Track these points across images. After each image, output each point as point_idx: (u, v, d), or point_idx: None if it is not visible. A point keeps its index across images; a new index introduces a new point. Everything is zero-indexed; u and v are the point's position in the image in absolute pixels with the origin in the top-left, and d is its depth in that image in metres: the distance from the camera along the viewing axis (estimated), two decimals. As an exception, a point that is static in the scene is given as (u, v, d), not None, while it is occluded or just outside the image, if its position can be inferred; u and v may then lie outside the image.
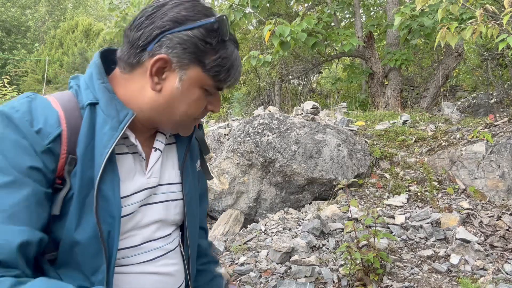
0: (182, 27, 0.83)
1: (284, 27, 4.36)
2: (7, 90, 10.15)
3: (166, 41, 0.83)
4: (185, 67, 0.85)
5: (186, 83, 0.86)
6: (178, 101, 0.88)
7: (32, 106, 0.80)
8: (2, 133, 0.75)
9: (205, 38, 0.84)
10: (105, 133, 0.82)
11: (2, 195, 0.73)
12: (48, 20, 22.88)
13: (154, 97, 0.87)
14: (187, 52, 0.84)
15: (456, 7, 2.33)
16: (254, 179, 3.00)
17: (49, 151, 0.79)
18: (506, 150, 2.76)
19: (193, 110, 0.90)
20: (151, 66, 0.84)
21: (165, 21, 0.84)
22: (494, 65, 6.81)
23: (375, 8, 10.31)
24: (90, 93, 0.84)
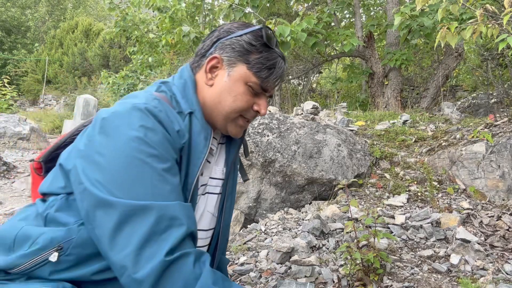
0: (233, 35, 1.03)
1: (284, 27, 4.36)
2: (7, 90, 10.16)
3: (219, 45, 1.03)
4: (233, 64, 1.02)
5: (232, 78, 1.02)
6: (225, 93, 1.02)
7: (166, 108, 0.95)
8: (152, 127, 0.88)
9: (250, 41, 1.02)
10: (201, 141, 0.98)
11: (169, 177, 0.87)
12: (48, 20, 22.87)
13: (208, 92, 1.04)
14: (235, 51, 1.02)
15: (456, 7, 2.33)
16: (254, 179, 3.00)
17: (181, 149, 0.94)
18: (506, 150, 2.76)
19: (239, 104, 1.04)
20: (206, 64, 1.03)
21: (221, 32, 1.05)
22: (494, 65, 6.81)
23: (375, 8, 10.31)
24: (186, 103, 1.01)
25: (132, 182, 0.82)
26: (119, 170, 0.83)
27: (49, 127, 11.96)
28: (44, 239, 0.88)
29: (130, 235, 0.78)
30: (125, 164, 0.83)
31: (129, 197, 0.80)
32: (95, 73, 16.31)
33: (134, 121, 0.87)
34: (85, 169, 0.86)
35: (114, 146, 0.85)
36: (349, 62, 9.70)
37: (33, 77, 18.21)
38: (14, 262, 0.88)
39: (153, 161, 0.85)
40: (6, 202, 3.75)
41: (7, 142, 6.71)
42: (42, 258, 0.87)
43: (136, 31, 8.52)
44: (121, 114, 0.89)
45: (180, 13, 7.29)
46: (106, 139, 0.86)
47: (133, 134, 0.85)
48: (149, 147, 0.85)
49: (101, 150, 0.86)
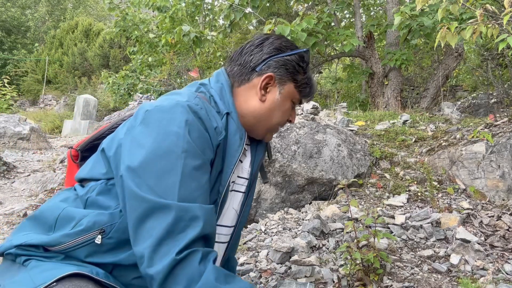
0: (284, 54, 1.11)
1: (284, 27, 4.36)
2: (7, 90, 10.15)
3: (272, 63, 1.10)
4: (284, 83, 1.12)
5: (283, 96, 1.13)
6: (275, 110, 1.13)
7: (206, 106, 1.01)
8: (192, 123, 0.93)
9: (299, 62, 1.12)
10: (236, 140, 1.05)
11: (199, 175, 0.92)
12: (48, 20, 22.86)
13: (258, 106, 1.12)
14: (287, 72, 1.11)
15: (456, 7, 2.33)
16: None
17: (218, 146, 1.00)
18: (506, 150, 2.76)
19: (283, 118, 1.16)
20: (261, 81, 1.10)
21: (271, 49, 1.11)
22: (494, 65, 6.81)
23: (375, 8, 10.30)
24: (224, 104, 1.07)
25: (162, 174, 0.88)
26: (153, 162, 0.88)
27: (49, 127, 11.96)
28: (87, 221, 0.94)
29: (151, 230, 0.85)
30: (160, 157, 0.89)
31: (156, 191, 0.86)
32: (95, 73, 16.31)
33: (175, 116, 0.93)
34: (124, 157, 0.92)
35: (154, 138, 0.91)
36: (349, 62, 9.70)
37: (33, 77, 18.20)
38: (57, 239, 0.94)
39: (187, 156, 0.90)
40: (6, 202, 3.75)
41: (7, 142, 6.71)
42: (86, 238, 0.93)
43: (136, 31, 8.52)
44: (164, 109, 0.95)
45: (180, 13, 7.30)
46: (147, 130, 0.92)
47: (173, 129, 0.91)
48: (186, 143, 0.90)
49: (140, 140, 0.92)
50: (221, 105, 1.07)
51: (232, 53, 1.18)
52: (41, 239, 0.95)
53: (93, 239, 0.93)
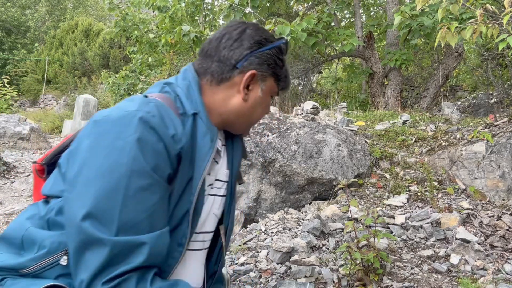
0: (265, 48, 1.04)
1: (284, 27, 4.36)
2: (7, 90, 10.16)
3: (254, 59, 1.03)
4: (265, 79, 1.06)
5: (264, 92, 1.08)
6: (258, 107, 1.08)
7: (162, 112, 0.92)
8: (141, 137, 0.84)
9: (279, 55, 1.06)
10: (206, 143, 0.97)
11: (146, 195, 0.83)
12: (48, 20, 22.87)
13: (240, 105, 1.05)
14: (269, 67, 1.05)
15: (456, 7, 2.33)
16: (254, 179, 3.00)
17: (178, 155, 0.91)
18: (506, 150, 2.76)
19: (265, 112, 1.12)
20: (245, 80, 1.03)
21: (252, 43, 1.03)
22: (494, 65, 6.81)
23: (375, 8, 10.31)
24: (191, 104, 0.99)
25: (102, 197, 0.80)
26: (94, 182, 0.81)
27: (49, 127, 11.96)
28: (51, 243, 0.89)
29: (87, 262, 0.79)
30: (101, 177, 0.81)
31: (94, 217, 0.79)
32: (95, 73, 16.31)
33: (122, 129, 0.84)
34: (67, 173, 0.86)
35: (96, 154, 0.83)
36: (349, 62, 9.70)
37: (33, 77, 18.20)
38: (23, 263, 0.89)
39: (131, 175, 0.82)
40: (6, 202, 3.75)
41: (7, 142, 6.71)
42: (51, 261, 0.88)
43: (136, 31, 8.52)
44: (111, 120, 0.87)
45: (180, 13, 7.30)
46: (90, 145, 0.85)
47: (118, 144, 0.83)
48: (131, 160, 0.82)
49: (82, 157, 0.84)
50: (188, 105, 0.99)
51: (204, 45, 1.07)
52: (10, 261, 0.90)
53: (57, 261, 0.87)
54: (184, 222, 0.94)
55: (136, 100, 0.93)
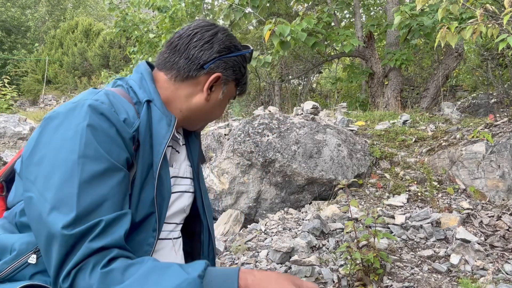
0: (232, 54, 1.10)
1: (284, 27, 4.36)
2: (7, 90, 10.16)
3: (221, 63, 1.08)
4: (227, 83, 1.11)
5: (225, 95, 1.13)
6: (217, 108, 1.14)
7: (111, 99, 0.94)
8: (92, 123, 0.86)
9: (243, 63, 1.13)
10: (162, 127, 1.00)
11: (104, 179, 0.84)
12: (48, 20, 22.87)
13: (201, 104, 1.10)
14: (234, 72, 1.11)
15: (456, 6, 2.33)
16: (254, 179, 3.00)
17: (133, 138, 0.93)
18: (506, 150, 2.76)
19: (220, 114, 1.18)
20: (210, 81, 1.08)
21: (222, 48, 1.08)
22: (494, 65, 6.81)
23: (375, 8, 10.31)
24: (144, 92, 1.02)
25: (60, 187, 0.81)
26: (51, 175, 0.82)
27: (49, 127, 11.94)
28: (20, 244, 0.89)
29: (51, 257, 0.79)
30: (56, 168, 0.82)
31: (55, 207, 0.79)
32: (95, 73, 16.31)
33: (71, 120, 0.86)
34: (23, 172, 0.87)
35: (50, 148, 0.85)
36: (349, 62, 9.70)
37: (33, 77, 18.20)
38: None
39: (85, 162, 0.83)
40: (6, 202, 3.75)
41: (7, 142, 6.70)
42: (21, 262, 0.88)
43: (136, 31, 8.52)
44: (60, 114, 0.88)
45: (180, 13, 7.29)
46: (43, 140, 0.87)
47: (68, 134, 0.85)
48: (84, 147, 0.83)
49: (37, 153, 0.86)
50: (141, 93, 1.02)
51: (173, 39, 1.10)
52: None
53: (26, 261, 0.88)
54: (152, 209, 0.96)
55: (83, 93, 0.97)
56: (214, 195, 3.12)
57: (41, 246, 0.81)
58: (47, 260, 0.80)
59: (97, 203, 0.82)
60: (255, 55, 5.03)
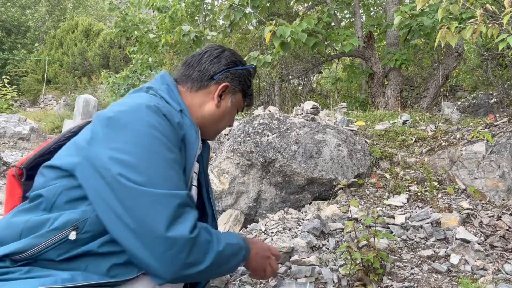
0: (238, 67, 1.30)
1: (285, 28, 4.36)
2: (7, 90, 10.16)
3: (229, 74, 1.28)
4: (235, 93, 1.31)
5: (233, 104, 1.31)
6: (226, 115, 1.31)
7: (165, 104, 1.11)
8: (160, 121, 1.02)
9: (248, 76, 1.33)
10: (192, 134, 1.14)
11: (176, 166, 1.02)
12: (48, 20, 22.86)
13: (213, 111, 1.27)
14: (240, 83, 1.31)
15: (456, 6, 2.33)
16: (254, 179, 3.00)
17: (183, 139, 1.09)
18: (506, 150, 2.76)
19: (229, 123, 1.35)
20: (219, 89, 1.26)
21: (229, 62, 1.29)
22: (494, 65, 6.81)
23: (375, 8, 10.31)
24: (176, 102, 1.17)
25: (149, 170, 0.95)
26: (140, 161, 0.95)
27: (49, 127, 11.96)
28: (60, 221, 0.96)
29: (157, 218, 0.92)
30: (143, 153, 0.96)
31: (150, 185, 0.94)
32: (95, 73, 16.31)
33: (144, 116, 1.00)
34: (105, 163, 0.95)
35: (131, 140, 0.97)
36: (349, 62, 9.69)
37: (33, 77, 18.20)
38: (30, 243, 0.93)
39: (165, 151, 0.99)
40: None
41: (7, 142, 6.70)
42: (60, 237, 0.95)
43: (136, 31, 8.52)
44: (129, 112, 1.00)
45: (180, 13, 7.30)
46: (119, 134, 0.97)
47: (145, 128, 0.98)
48: (161, 139, 0.99)
49: (117, 145, 0.96)
50: (173, 104, 1.15)
51: (188, 58, 1.30)
52: (11, 247, 0.93)
53: (66, 236, 0.95)
54: None
55: (141, 96, 1.11)
56: (214, 195, 3.12)
57: (138, 209, 0.92)
58: (153, 219, 0.92)
59: (179, 183, 1.00)
60: (255, 55, 5.04)
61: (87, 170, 0.97)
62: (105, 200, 0.94)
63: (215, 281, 1.74)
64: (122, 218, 0.92)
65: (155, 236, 0.91)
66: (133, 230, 0.92)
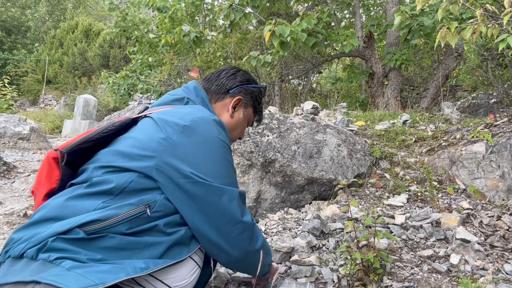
0: (251, 85, 1.50)
1: (284, 27, 4.36)
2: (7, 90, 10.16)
3: (243, 90, 1.48)
4: (247, 107, 1.50)
5: (245, 117, 1.50)
6: (239, 126, 1.49)
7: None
8: (226, 133, 1.26)
9: (259, 94, 1.53)
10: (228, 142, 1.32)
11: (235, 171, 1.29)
12: (48, 20, 22.86)
13: (228, 121, 1.44)
14: (252, 99, 1.50)
15: (456, 7, 2.33)
16: (254, 179, 3.00)
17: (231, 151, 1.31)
18: (506, 150, 2.76)
19: (240, 134, 1.53)
20: (234, 101, 1.45)
21: (243, 79, 1.49)
22: (494, 65, 6.81)
23: (375, 8, 10.31)
24: (211, 113, 1.32)
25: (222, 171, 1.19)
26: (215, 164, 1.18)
27: (49, 127, 11.95)
28: (136, 199, 1.10)
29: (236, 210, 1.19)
30: (218, 160, 1.19)
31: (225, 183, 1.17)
32: (95, 73, 16.31)
33: (213, 128, 1.21)
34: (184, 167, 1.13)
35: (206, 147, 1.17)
36: (349, 62, 9.69)
37: (33, 77, 18.20)
38: (108, 214, 1.05)
39: (230, 158, 1.24)
40: (6, 202, 3.75)
41: (7, 142, 6.71)
42: (138, 210, 1.09)
43: (136, 31, 8.53)
44: (203, 123, 1.20)
45: (180, 13, 7.30)
46: (198, 148, 1.16)
47: (217, 138, 1.21)
48: (227, 148, 1.24)
49: (195, 150, 1.15)
50: None
51: (208, 74, 1.50)
52: (91, 215, 1.04)
53: (145, 211, 1.10)
54: None
55: (202, 109, 1.30)
56: (214, 195, 3.12)
57: (220, 204, 1.15)
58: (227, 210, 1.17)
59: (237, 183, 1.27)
60: (255, 55, 5.03)
61: (165, 178, 1.13)
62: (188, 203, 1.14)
63: (215, 281, 1.74)
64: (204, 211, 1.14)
65: (234, 222, 1.17)
66: (212, 219, 1.15)
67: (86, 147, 1.23)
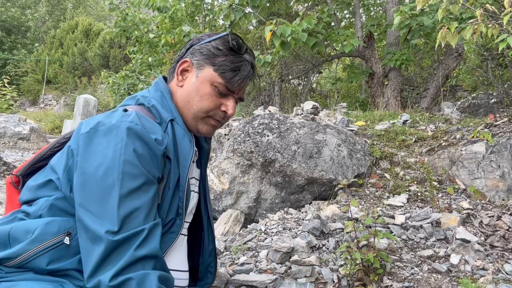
0: (203, 41, 1.15)
1: (286, 28, 4.35)
2: (7, 90, 10.16)
3: (190, 50, 1.16)
4: (201, 67, 1.13)
5: (199, 79, 1.12)
6: (193, 93, 1.13)
7: (142, 120, 1.01)
8: (128, 143, 0.94)
9: (217, 45, 1.12)
10: (186, 143, 1.09)
11: (140, 194, 0.93)
12: (48, 20, 22.86)
13: (179, 93, 1.15)
14: (202, 55, 1.13)
15: (456, 7, 2.33)
16: (254, 179, 3.00)
17: (164, 155, 1.01)
18: (506, 150, 2.76)
19: (205, 103, 1.13)
20: (178, 67, 1.15)
21: (194, 40, 1.18)
22: (494, 65, 6.81)
23: (375, 8, 10.31)
24: (166, 112, 1.10)
25: (102, 200, 0.90)
26: (93, 188, 0.91)
27: (49, 127, 11.96)
28: (51, 227, 0.95)
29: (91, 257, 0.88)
30: (98, 182, 0.91)
31: (98, 217, 0.89)
32: (95, 73, 16.30)
33: (111, 139, 0.94)
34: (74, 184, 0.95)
35: (91, 163, 0.93)
36: (349, 62, 9.69)
37: (33, 77, 18.20)
38: (21, 248, 0.92)
39: (123, 178, 0.91)
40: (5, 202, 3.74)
41: (7, 142, 6.71)
42: (55, 241, 0.95)
43: (136, 31, 8.53)
44: (99, 133, 0.96)
45: (180, 13, 7.30)
46: (84, 156, 0.94)
47: (108, 153, 0.93)
48: (122, 165, 0.92)
49: (81, 167, 0.94)
50: (164, 113, 1.10)
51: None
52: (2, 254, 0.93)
53: (61, 241, 0.94)
54: (179, 215, 1.07)
55: (116, 114, 1.02)
56: (214, 195, 3.12)
57: (84, 246, 0.90)
58: (87, 258, 0.88)
59: (135, 214, 0.90)
60: (255, 55, 5.03)
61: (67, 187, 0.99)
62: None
63: (215, 281, 1.74)
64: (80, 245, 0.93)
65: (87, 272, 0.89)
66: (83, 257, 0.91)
67: (41, 166, 1.14)
